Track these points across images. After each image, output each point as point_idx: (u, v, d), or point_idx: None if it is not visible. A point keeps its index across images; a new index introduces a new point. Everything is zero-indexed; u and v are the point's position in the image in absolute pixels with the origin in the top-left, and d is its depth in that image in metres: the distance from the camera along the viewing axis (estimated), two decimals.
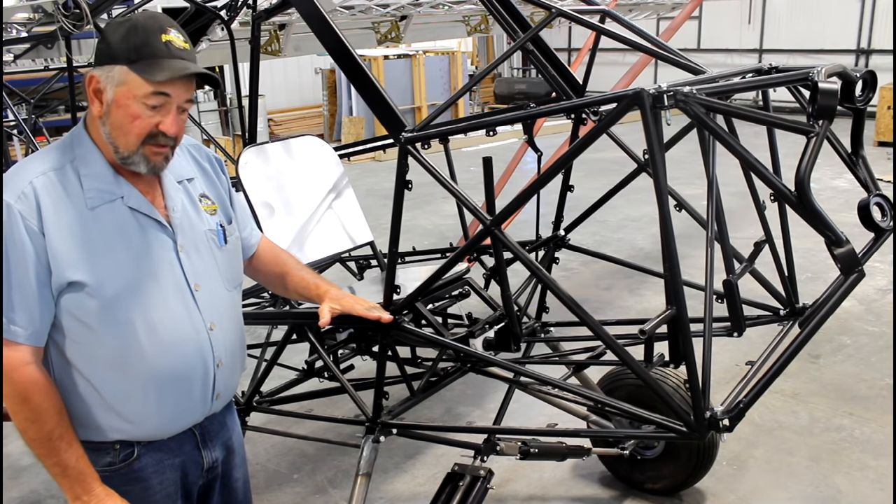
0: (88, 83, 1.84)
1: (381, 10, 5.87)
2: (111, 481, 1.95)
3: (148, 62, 1.80)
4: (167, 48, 1.82)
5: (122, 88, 1.81)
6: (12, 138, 7.77)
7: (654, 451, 3.47)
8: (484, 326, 3.04)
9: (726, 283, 2.47)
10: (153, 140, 1.85)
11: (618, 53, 15.04)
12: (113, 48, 1.82)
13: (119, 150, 1.85)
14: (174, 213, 1.97)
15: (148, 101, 1.81)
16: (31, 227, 1.79)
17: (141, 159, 1.86)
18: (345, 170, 3.77)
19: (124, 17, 1.92)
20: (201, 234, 2.03)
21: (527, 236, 3.46)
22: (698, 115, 2.05)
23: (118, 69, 1.80)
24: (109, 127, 1.84)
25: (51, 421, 1.88)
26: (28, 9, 4.41)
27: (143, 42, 1.80)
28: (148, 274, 1.90)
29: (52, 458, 1.91)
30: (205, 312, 1.99)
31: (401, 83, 14.23)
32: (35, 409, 1.87)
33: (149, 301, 1.90)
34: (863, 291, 5.84)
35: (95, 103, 1.85)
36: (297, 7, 2.84)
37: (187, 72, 1.81)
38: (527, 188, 2.34)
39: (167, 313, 1.92)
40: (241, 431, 2.33)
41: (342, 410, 4.12)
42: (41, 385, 1.87)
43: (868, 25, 15.24)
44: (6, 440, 4.16)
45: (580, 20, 3.01)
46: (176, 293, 1.94)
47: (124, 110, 1.82)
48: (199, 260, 2.00)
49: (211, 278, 2.03)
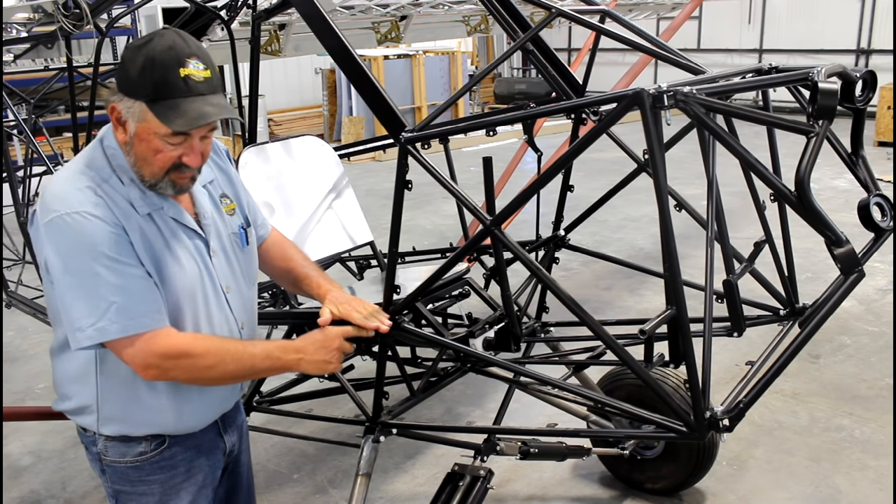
0: (111, 111, 1.85)
1: (381, 10, 5.86)
2: (142, 470, 2.03)
3: (166, 104, 1.78)
4: (185, 84, 1.79)
5: (143, 125, 1.82)
6: (12, 138, 7.78)
7: (654, 451, 3.47)
8: (484, 326, 3.04)
9: (726, 283, 2.47)
10: (177, 170, 1.89)
11: (618, 53, 15.05)
12: (132, 81, 1.80)
13: (145, 178, 1.89)
14: (205, 220, 2.04)
15: (169, 140, 1.83)
16: (118, 224, 1.82)
17: (167, 185, 1.90)
18: (345, 170, 3.76)
19: (143, 41, 1.81)
20: (226, 237, 2.10)
21: (527, 236, 3.46)
22: (698, 115, 2.05)
23: (138, 105, 1.80)
24: (134, 157, 1.87)
25: (227, 344, 1.98)
26: (28, 9, 4.41)
27: (160, 79, 1.77)
28: (192, 279, 1.97)
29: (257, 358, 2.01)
30: (236, 313, 2.11)
31: (401, 83, 14.23)
32: (216, 348, 1.94)
33: (194, 305, 1.98)
34: (863, 291, 5.84)
35: (119, 130, 1.87)
36: (297, 7, 2.83)
37: (204, 122, 1.80)
38: (527, 188, 2.34)
39: (210, 317, 2.02)
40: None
41: (342, 410, 4.12)
42: (198, 340, 1.95)
43: (868, 25, 15.24)
44: (6, 440, 4.17)
45: (580, 20, 3.01)
46: (213, 297, 2.03)
47: (146, 144, 1.84)
48: (227, 263, 2.08)
49: (237, 280, 2.12)
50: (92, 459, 2.12)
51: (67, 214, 1.78)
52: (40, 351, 5.48)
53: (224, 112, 1.84)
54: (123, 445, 2.03)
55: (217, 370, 1.94)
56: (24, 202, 5.11)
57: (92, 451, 2.09)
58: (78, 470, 3.98)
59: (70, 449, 4.16)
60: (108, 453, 2.05)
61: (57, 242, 1.79)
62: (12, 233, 5.46)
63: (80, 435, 2.13)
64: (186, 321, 1.96)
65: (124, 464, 2.05)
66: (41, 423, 4.30)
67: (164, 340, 1.86)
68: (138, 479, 2.05)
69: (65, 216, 1.78)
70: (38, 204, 1.85)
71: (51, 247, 1.80)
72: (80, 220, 1.77)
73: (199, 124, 1.80)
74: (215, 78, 1.85)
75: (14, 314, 5.15)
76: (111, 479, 2.09)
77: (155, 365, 1.87)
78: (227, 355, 1.95)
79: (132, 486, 2.07)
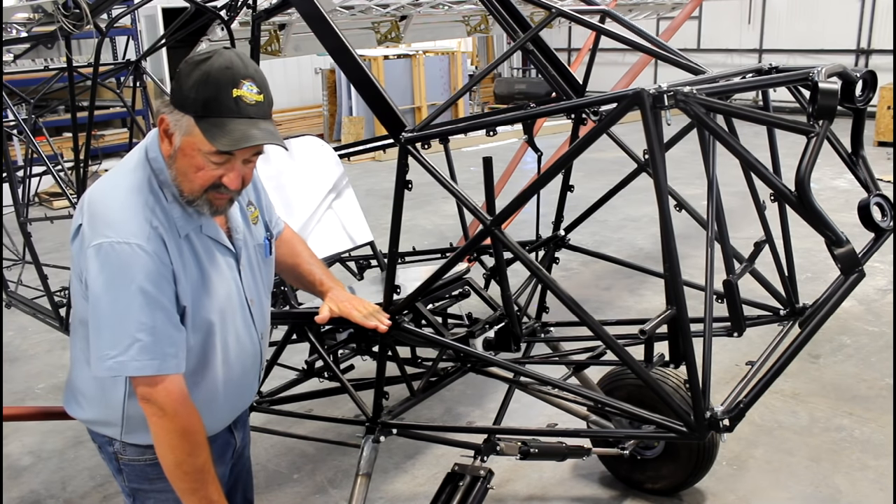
0: (160, 122, 1.86)
1: (381, 10, 5.87)
2: (156, 469, 2.01)
3: (213, 121, 1.78)
4: (236, 106, 1.78)
5: (189, 139, 1.82)
6: (12, 138, 7.78)
7: (654, 451, 3.47)
8: (484, 326, 3.04)
9: (726, 283, 2.47)
10: (216, 190, 1.89)
11: (618, 53, 15.04)
12: (184, 95, 1.80)
13: (184, 193, 1.89)
14: (236, 234, 2.06)
15: (211, 158, 1.83)
16: (165, 263, 1.84)
17: (204, 203, 1.90)
18: (345, 170, 3.77)
19: (203, 57, 1.81)
20: (252, 249, 2.12)
21: (527, 236, 3.46)
22: (698, 115, 2.05)
23: (186, 119, 1.80)
24: (175, 171, 1.88)
25: (204, 453, 1.93)
26: (28, 9, 4.41)
27: (212, 97, 1.77)
28: (224, 298, 1.99)
29: (200, 491, 1.93)
30: (258, 324, 2.14)
31: (401, 83, 14.23)
32: (195, 443, 1.91)
33: (223, 322, 2.00)
34: (863, 291, 5.84)
35: (165, 142, 1.87)
36: (297, 7, 2.83)
37: (247, 144, 1.79)
38: (527, 188, 2.34)
39: (236, 332, 2.05)
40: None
41: (342, 410, 4.12)
42: (197, 417, 1.93)
43: (868, 25, 15.23)
44: (6, 440, 4.17)
45: (580, 20, 3.01)
46: (240, 311, 2.06)
47: (189, 159, 1.84)
48: (252, 276, 2.11)
49: (259, 292, 2.15)
50: (107, 459, 2.12)
51: (119, 243, 1.79)
52: (40, 351, 5.48)
53: (271, 138, 1.83)
54: (141, 449, 2.04)
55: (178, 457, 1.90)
56: (24, 202, 5.10)
57: (107, 451, 2.09)
58: (78, 470, 3.98)
59: (70, 449, 4.16)
60: (126, 452, 2.06)
61: (102, 267, 1.80)
62: (12, 233, 5.44)
63: (94, 435, 2.13)
64: (216, 337, 1.99)
65: (143, 462, 2.06)
66: (41, 423, 4.30)
67: (174, 397, 1.87)
68: (157, 477, 2.04)
69: (115, 244, 1.79)
70: (87, 220, 1.84)
71: (96, 269, 1.81)
72: (128, 252, 1.79)
73: (242, 145, 1.79)
74: (267, 103, 1.85)
75: (14, 314, 5.15)
76: (128, 478, 2.09)
77: (158, 407, 1.86)
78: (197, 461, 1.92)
79: (151, 484, 2.08)
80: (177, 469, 1.91)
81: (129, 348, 1.80)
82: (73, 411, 2.11)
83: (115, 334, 1.80)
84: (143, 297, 1.79)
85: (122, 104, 5.34)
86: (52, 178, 4.94)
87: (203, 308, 1.94)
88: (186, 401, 1.89)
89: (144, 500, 2.11)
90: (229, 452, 2.25)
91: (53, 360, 5.30)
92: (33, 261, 4.34)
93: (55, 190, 9.09)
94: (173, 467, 1.91)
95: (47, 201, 9.39)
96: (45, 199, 9.39)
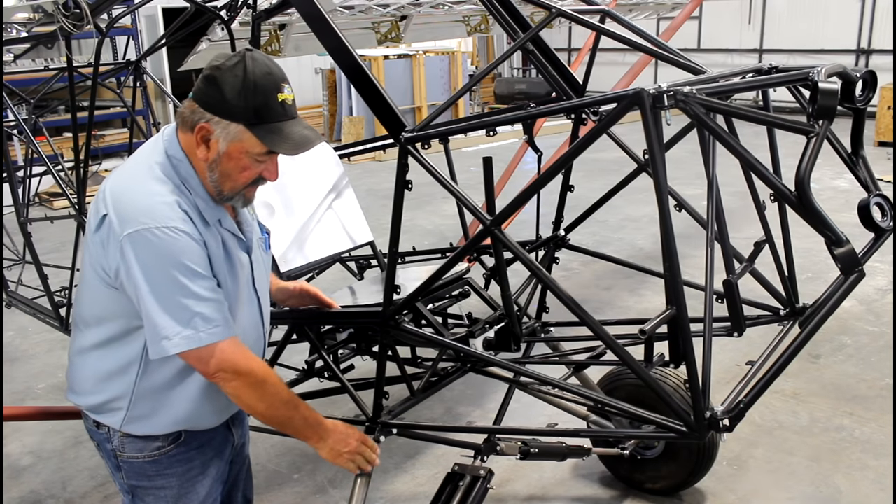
0: (199, 130, 1.89)
1: (381, 10, 5.86)
2: (160, 464, 2.08)
3: (268, 127, 1.88)
4: (283, 109, 1.89)
5: (238, 144, 1.89)
6: (12, 138, 7.78)
7: (654, 451, 3.47)
8: (484, 326, 3.04)
9: (726, 283, 2.47)
10: (254, 184, 2.00)
11: (618, 53, 15.03)
12: (230, 104, 1.86)
13: (224, 192, 1.97)
14: (246, 227, 2.11)
15: (259, 158, 1.92)
16: (201, 244, 1.90)
17: (240, 198, 2.01)
18: (345, 170, 3.76)
19: (234, 62, 1.87)
20: (257, 243, 2.17)
21: (527, 236, 3.46)
22: (698, 115, 2.05)
23: (235, 127, 1.87)
24: (218, 174, 1.94)
25: (281, 385, 2.07)
26: (28, 9, 4.41)
27: (262, 105, 1.86)
28: (241, 288, 2.06)
29: (296, 416, 2.10)
30: (264, 317, 2.21)
31: (401, 83, 14.23)
32: (273, 383, 2.03)
33: (240, 313, 2.06)
34: (863, 291, 5.84)
35: (202, 148, 1.92)
36: (297, 7, 2.83)
37: (307, 147, 1.91)
38: (527, 188, 2.34)
39: (243, 323, 2.09)
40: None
41: (342, 410, 4.12)
42: (260, 360, 2.06)
43: (868, 25, 15.24)
44: (6, 440, 4.17)
45: (580, 20, 3.01)
46: (250, 303, 2.12)
47: (236, 162, 1.92)
48: (259, 270, 2.17)
49: (263, 284, 2.21)
50: (106, 457, 2.14)
51: (157, 228, 1.83)
52: (40, 351, 5.48)
53: (319, 138, 1.97)
54: (141, 441, 2.06)
55: (267, 402, 2.02)
56: (24, 202, 5.10)
57: (106, 448, 2.11)
58: (78, 470, 3.98)
59: (70, 449, 4.16)
60: (125, 449, 2.07)
61: (142, 255, 1.83)
62: (12, 233, 5.45)
63: (92, 433, 2.14)
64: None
65: (142, 459, 2.07)
66: (41, 423, 4.31)
67: (242, 355, 1.96)
68: (156, 474, 2.08)
69: (154, 230, 1.83)
70: (114, 210, 1.87)
71: (134, 258, 1.84)
72: (169, 234, 1.83)
73: (304, 150, 1.91)
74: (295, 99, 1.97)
75: (14, 314, 5.15)
76: (127, 475, 2.10)
77: (230, 371, 1.94)
78: (282, 395, 2.06)
79: (150, 481, 2.09)
80: (270, 411, 2.03)
81: (191, 321, 1.86)
82: (77, 399, 2.12)
83: (175, 314, 1.85)
84: (191, 273, 1.86)
85: (123, 104, 5.34)
86: (52, 178, 4.94)
87: (226, 296, 1.99)
88: (247, 352, 1.98)
89: (143, 497, 2.12)
90: (228, 449, 2.27)
91: (53, 360, 5.30)
92: (33, 261, 4.34)
93: (55, 190, 9.10)
94: (268, 414, 2.04)
95: (47, 201, 9.40)
96: (45, 199, 9.39)
